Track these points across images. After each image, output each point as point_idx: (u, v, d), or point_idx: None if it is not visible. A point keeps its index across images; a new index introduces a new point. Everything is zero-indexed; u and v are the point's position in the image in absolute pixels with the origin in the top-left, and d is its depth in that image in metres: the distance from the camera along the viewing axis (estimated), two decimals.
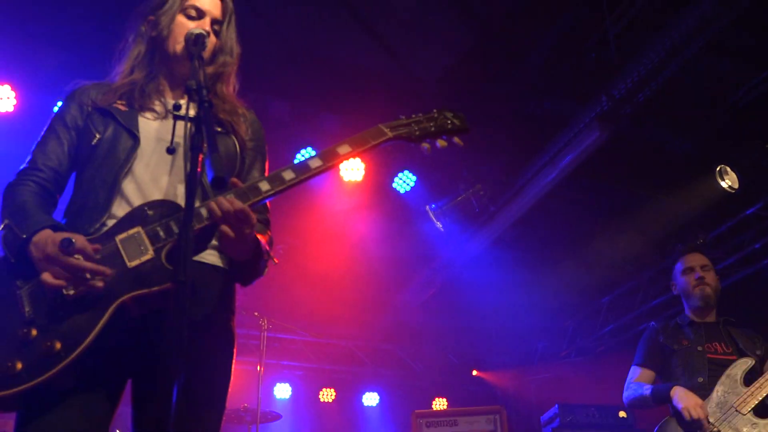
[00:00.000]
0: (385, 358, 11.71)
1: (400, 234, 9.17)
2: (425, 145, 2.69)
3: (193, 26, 2.55)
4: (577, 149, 6.82)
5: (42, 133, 2.54)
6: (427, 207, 8.06)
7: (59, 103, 2.65)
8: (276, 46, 6.82)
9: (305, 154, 7.41)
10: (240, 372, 9.82)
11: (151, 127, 2.51)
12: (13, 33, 6.25)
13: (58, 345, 2.02)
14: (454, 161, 7.99)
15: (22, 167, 2.45)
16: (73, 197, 2.45)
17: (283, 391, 10.71)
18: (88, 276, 2.10)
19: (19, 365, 2.00)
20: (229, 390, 2.41)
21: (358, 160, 7.65)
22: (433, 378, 11.76)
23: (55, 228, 2.22)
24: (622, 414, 7.33)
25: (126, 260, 2.17)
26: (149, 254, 2.19)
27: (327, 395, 11.12)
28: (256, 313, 7.39)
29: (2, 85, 6.59)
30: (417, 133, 2.65)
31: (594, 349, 10.06)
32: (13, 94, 6.61)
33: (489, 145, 7.78)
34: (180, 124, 2.38)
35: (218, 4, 2.68)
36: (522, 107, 7.48)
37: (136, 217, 2.27)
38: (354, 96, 7.20)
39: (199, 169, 1.99)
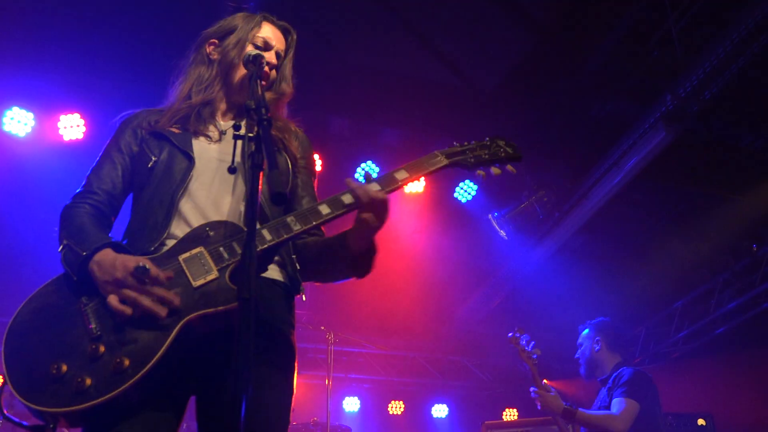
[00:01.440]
0: (453, 369, 11.59)
1: (463, 244, 9.10)
2: (480, 173, 2.76)
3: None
4: (642, 151, 6.65)
5: (97, 158, 2.62)
6: (490, 216, 7.98)
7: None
8: (334, 63, 6.89)
9: (365, 167, 7.47)
10: (309, 386, 9.91)
11: (207, 148, 2.57)
12: (82, 64, 6.48)
13: (126, 362, 2.06)
14: (516, 168, 7.87)
15: (77, 191, 2.53)
16: (132, 218, 2.52)
17: (352, 404, 10.73)
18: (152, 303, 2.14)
19: (89, 381, 2.04)
20: (299, 404, 2.42)
21: None
22: (502, 388, 11.59)
23: (116, 248, 2.27)
24: (700, 422, 7.05)
25: (191, 279, 2.21)
26: (213, 274, 2.22)
27: (396, 407, 11.09)
28: (322, 327, 7.42)
29: (72, 113, 6.85)
30: (471, 160, 2.73)
31: (668, 355, 9.76)
32: (82, 122, 6.86)
33: (552, 150, 7.66)
34: (240, 143, 2.42)
35: (282, 39, 2.79)
36: (584, 110, 7.34)
37: (197, 237, 2.31)
38: (412, 109, 7.20)
39: (260, 187, 2.02)
